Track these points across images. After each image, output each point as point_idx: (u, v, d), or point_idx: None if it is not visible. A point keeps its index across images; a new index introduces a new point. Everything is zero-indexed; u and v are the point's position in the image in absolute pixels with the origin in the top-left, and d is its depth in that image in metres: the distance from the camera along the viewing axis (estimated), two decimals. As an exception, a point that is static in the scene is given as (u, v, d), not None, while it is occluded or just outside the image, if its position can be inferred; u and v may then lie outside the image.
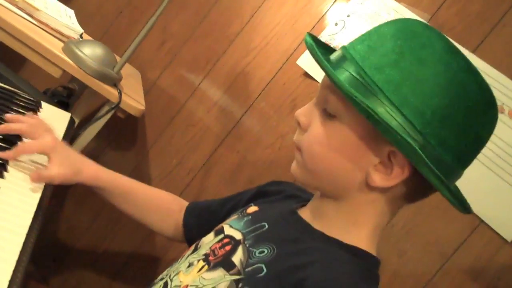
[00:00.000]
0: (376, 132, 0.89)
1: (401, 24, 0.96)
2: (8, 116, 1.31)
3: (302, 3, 2.12)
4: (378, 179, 0.95)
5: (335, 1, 2.07)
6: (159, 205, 1.48)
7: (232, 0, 2.26)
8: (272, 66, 2.12)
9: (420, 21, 0.97)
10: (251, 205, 1.22)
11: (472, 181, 1.67)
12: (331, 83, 0.93)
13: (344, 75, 0.93)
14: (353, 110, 0.90)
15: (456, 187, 1.01)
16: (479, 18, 1.86)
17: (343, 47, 0.99)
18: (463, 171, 0.97)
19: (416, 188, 0.97)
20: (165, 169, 2.25)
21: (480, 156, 0.99)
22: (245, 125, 2.13)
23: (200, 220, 1.39)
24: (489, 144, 0.98)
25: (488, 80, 0.93)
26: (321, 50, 1.01)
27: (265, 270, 0.96)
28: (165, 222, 1.46)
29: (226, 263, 1.03)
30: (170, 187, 2.22)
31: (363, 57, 0.93)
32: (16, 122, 1.29)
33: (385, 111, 0.88)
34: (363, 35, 0.99)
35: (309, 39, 1.01)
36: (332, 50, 1.08)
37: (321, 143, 0.98)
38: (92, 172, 1.38)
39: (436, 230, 1.81)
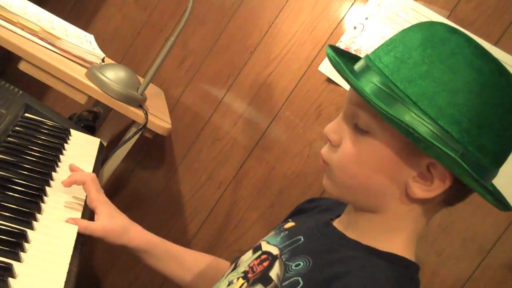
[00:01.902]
0: (413, 145, 0.87)
1: (426, 31, 0.94)
2: (72, 165, 1.36)
3: (319, 9, 2.12)
4: (419, 191, 0.93)
5: (352, 5, 2.07)
6: (207, 268, 1.43)
7: (249, 12, 2.27)
8: (294, 75, 2.13)
9: (445, 25, 0.95)
10: (289, 221, 1.21)
11: (506, 173, 1.66)
12: (360, 98, 0.91)
13: (368, 86, 0.91)
14: (387, 125, 0.88)
15: (493, 186, 1.00)
16: (498, 10, 1.84)
17: (367, 57, 0.97)
18: (498, 170, 0.95)
19: (456, 194, 0.95)
20: (195, 185, 2.25)
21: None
22: (272, 135, 2.13)
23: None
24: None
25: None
26: (344, 60, 0.99)
27: (301, 283, 0.94)
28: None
29: (264, 279, 1.02)
30: (202, 202, 2.22)
31: (392, 70, 0.91)
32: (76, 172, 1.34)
33: (422, 125, 0.87)
34: (387, 44, 0.97)
35: (330, 52, 0.98)
36: (354, 56, 1.07)
37: (355, 161, 0.96)
38: (140, 232, 1.35)
39: (473, 225, 1.80)
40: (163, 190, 2.31)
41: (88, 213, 1.27)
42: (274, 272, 1.02)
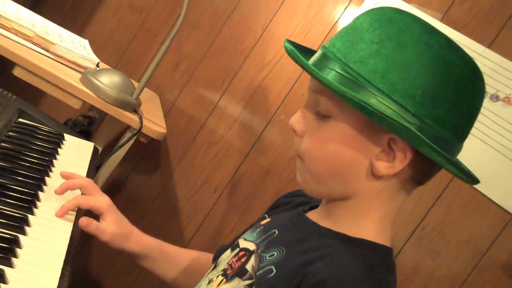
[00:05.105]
0: (372, 123, 0.91)
1: (375, 14, 0.98)
2: (63, 172, 1.33)
3: (313, 12, 2.13)
4: (383, 168, 0.95)
5: (346, 8, 2.07)
6: (199, 266, 1.43)
7: (243, 16, 2.27)
8: (288, 78, 2.13)
9: (393, 8, 0.99)
10: (265, 217, 1.24)
11: (500, 176, 1.66)
12: (319, 85, 0.95)
13: (331, 74, 0.94)
14: (346, 107, 0.92)
15: (458, 160, 1.02)
16: (491, 12, 1.85)
17: (323, 47, 1.00)
18: (462, 144, 0.99)
19: (421, 169, 0.98)
20: (191, 189, 2.25)
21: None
22: (267, 138, 2.13)
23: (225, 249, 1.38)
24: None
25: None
26: (303, 54, 1.03)
27: (274, 270, 0.97)
28: None
29: (240, 272, 1.04)
30: (198, 206, 2.22)
31: (344, 53, 0.95)
32: (71, 178, 1.32)
33: (377, 101, 0.90)
34: (340, 32, 1.00)
35: (288, 45, 1.03)
36: (311, 49, 1.10)
37: (320, 146, 0.99)
38: (140, 237, 1.38)
39: (468, 228, 1.80)
40: (158, 195, 2.31)
41: (83, 215, 1.27)
42: (250, 265, 1.04)
